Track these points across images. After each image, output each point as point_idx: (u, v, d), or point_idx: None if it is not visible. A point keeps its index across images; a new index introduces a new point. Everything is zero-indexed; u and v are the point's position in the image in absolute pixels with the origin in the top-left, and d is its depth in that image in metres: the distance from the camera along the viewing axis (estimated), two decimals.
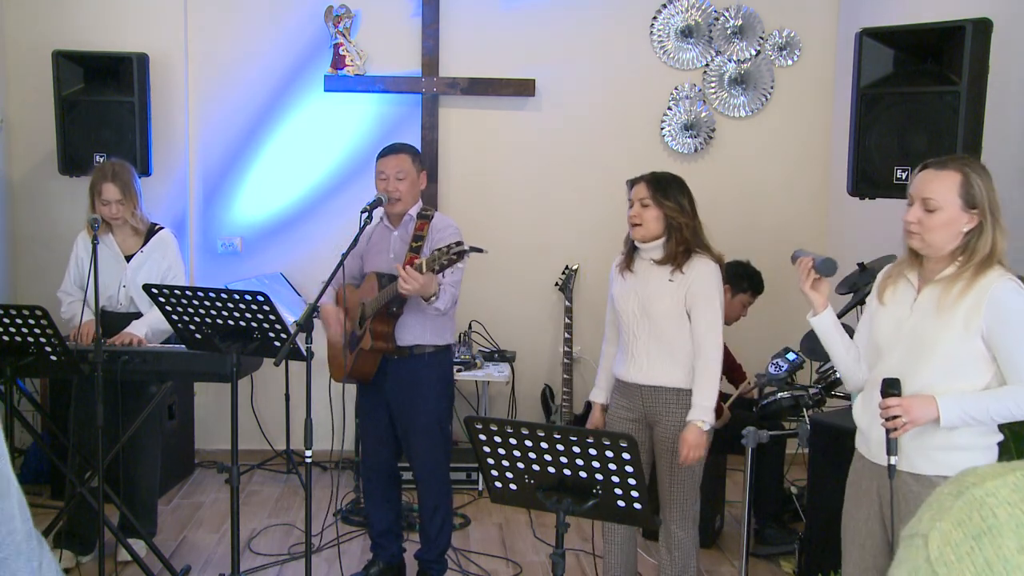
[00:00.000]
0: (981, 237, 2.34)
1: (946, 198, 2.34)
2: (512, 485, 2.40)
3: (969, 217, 2.34)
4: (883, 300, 2.54)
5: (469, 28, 5.34)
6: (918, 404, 2.33)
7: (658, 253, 3.24)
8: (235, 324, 3.18)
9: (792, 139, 5.48)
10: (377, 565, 3.83)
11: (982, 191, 2.35)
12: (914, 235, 2.39)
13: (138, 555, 3.68)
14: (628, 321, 3.26)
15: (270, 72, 5.32)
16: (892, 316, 2.49)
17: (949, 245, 2.37)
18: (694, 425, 3.12)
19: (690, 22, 5.39)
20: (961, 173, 2.35)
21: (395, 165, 3.59)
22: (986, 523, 0.67)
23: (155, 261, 3.96)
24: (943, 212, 2.34)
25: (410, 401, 3.62)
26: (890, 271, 2.57)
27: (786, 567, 4.06)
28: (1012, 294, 2.32)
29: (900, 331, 2.45)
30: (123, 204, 3.86)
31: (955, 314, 2.34)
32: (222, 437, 5.26)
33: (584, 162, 5.41)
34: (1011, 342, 2.31)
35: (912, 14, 4.15)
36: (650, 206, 3.21)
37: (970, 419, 2.33)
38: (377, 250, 3.71)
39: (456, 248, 3.12)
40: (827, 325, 2.62)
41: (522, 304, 5.44)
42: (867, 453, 2.54)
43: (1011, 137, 3.84)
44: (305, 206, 5.40)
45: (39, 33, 5.08)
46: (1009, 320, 2.31)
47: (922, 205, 2.37)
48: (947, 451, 2.39)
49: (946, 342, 2.35)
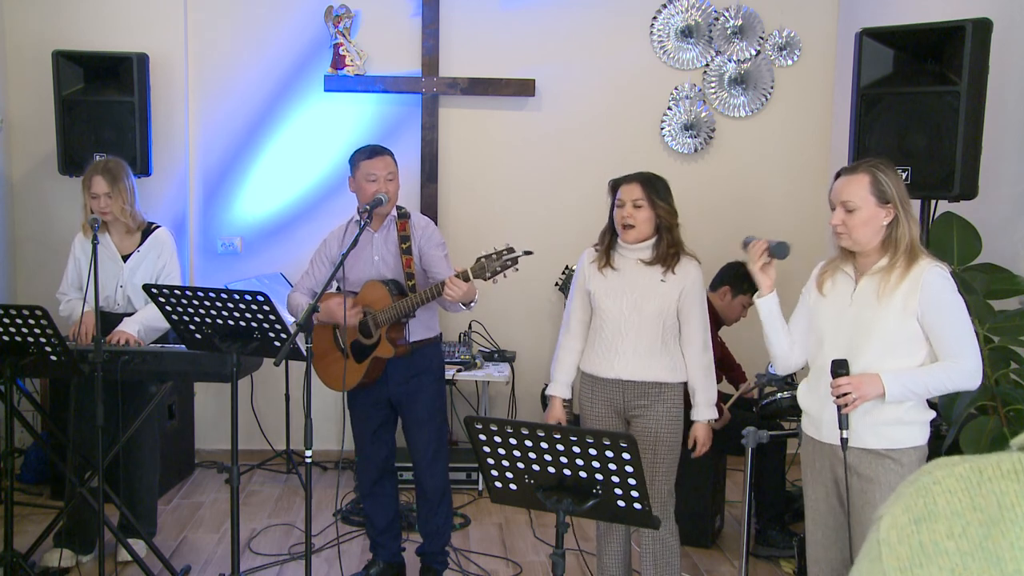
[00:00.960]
0: (899, 227, 2.62)
1: (861, 197, 2.62)
2: (512, 485, 2.40)
3: (886, 211, 2.62)
4: (823, 292, 2.78)
5: (469, 28, 5.34)
6: (866, 381, 2.58)
7: (647, 254, 3.26)
8: (235, 324, 3.18)
9: (792, 139, 5.48)
10: (377, 565, 3.83)
11: (890, 187, 2.62)
12: (841, 235, 2.66)
13: (138, 555, 3.68)
14: (614, 319, 3.26)
15: (270, 72, 5.32)
16: (833, 306, 2.74)
17: (875, 239, 2.64)
18: (702, 423, 3.30)
19: (690, 22, 5.39)
20: (869, 174, 2.63)
21: (384, 167, 3.57)
22: (927, 509, 0.72)
23: (151, 261, 3.95)
24: (861, 211, 2.62)
25: (412, 393, 3.66)
26: (825, 267, 2.82)
27: (786, 568, 4.06)
28: (942, 280, 2.60)
29: (842, 318, 2.70)
30: (111, 198, 3.84)
31: (893, 299, 2.60)
32: (222, 437, 5.26)
33: (584, 162, 5.40)
34: (942, 322, 2.59)
35: (912, 14, 4.14)
36: (643, 207, 3.22)
37: (910, 392, 2.60)
38: (360, 255, 3.62)
39: (508, 255, 3.12)
40: (771, 307, 2.85)
41: (522, 304, 5.44)
42: (817, 435, 2.77)
43: (1011, 137, 3.84)
44: (305, 206, 5.40)
45: (39, 33, 5.08)
46: (940, 303, 2.59)
47: (842, 208, 2.64)
48: (893, 426, 2.65)
49: (886, 325, 2.61)
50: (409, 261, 3.56)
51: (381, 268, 3.61)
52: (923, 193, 3.65)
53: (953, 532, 0.70)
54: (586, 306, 3.37)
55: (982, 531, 0.69)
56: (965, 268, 3.54)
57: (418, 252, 3.59)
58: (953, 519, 0.70)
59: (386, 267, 3.61)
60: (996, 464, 0.72)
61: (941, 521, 0.71)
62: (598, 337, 3.32)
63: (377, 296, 3.54)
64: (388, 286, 3.53)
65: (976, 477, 0.72)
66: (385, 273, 3.60)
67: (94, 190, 3.84)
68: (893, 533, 0.73)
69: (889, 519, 0.74)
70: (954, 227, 3.60)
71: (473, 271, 3.16)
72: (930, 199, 3.71)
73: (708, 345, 3.30)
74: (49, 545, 3.89)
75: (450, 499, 3.83)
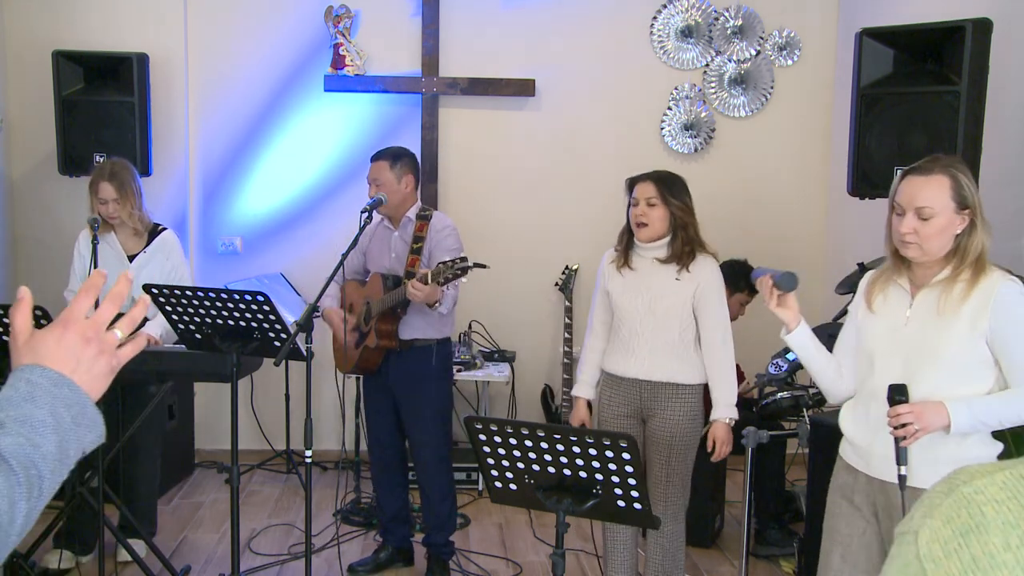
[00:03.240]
0: (972, 237, 2.32)
1: (941, 204, 2.30)
2: (512, 485, 2.40)
3: (961, 219, 2.32)
4: (873, 308, 2.48)
5: (469, 28, 5.34)
6: (929, 410, 2.26)
7: (662, 252, 3.26)
8: (235, 324, 3.18)
9: (792, 139, 5.48)
10: (387, 550, 3.97)
11: (971, 191, 2.32)
12: (911, 245, 2.34)
13: (138, 555, 3.68)
14: (631, 318, 3.28)
15: (270, 72, 5.32)
16: (886, 323, 2.44)
17: (945, 249, 2.34)
18: (722, 423, 3.25)
19: (690, 22, 5.39)
20: (950, 176, 2.32)
21: (372, 173, 3.76)
22: (973, 520, 0.68)
23: (158, 262, 3.96)
24: (939, 218, 2.30)
25: (414, 392, 3.74)
26: (875, 278, 2.51)
27: (786, 567, 4.06)
28: (1018, 296, 2.29)
29: (897, 338, 2.40)
30: (119, 203, 3.85)
31: (959, 317, 2.30)
32: (222, 437, 5.26)
33: (584, 162, 5.41)
34: (1016, 345, 2.28)
35: (912, 14, 4.14)
36: (657, 205, 3.23)
37: (980, 424, 2.29)
38: (379, 250, 3.82)
39: (460, 264, 3.20)
40: (803, 340, 2.55)
41: (522, 304, 5.44)
42: (865, 468, 2.47)
43: (1011, 137, 3.84)
44: (305, 206, 5.40)
45: (39, 33, 5.08)
46: (1015, 322, 2.28)
47: (916, 214, 2.32)
48: (958, 463, 2.34)
49: (950, 346, 2.31)
50: (414, 260, 3.66)
51: (395, 265, 3.74)
52: None
53: (1010, 544, 0.66)
54: (607, 307, 3.40)
55: None
56: None
57: (429, 254, 3.66)
58: (1007, 529, 0.67)
59: (400, 264, 3.73)
60: None
61: (993, 532, 0.67)
62: (616, 336, 3.34)
63: (375, 288, 3.70)
64: (386, 280, 3.65)
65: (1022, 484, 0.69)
66: (399, 269, 3.70)
67: (102, 195, 3.85)
68: (937, 547, 0.69)
69: (928, 532, 0.70)
70: None
71: (432, 275, 3.24)
72: None
73: (726, 343, 3.26)
74: (49, 546, 3.89)
75: (454, 497, 3.95)
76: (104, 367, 1.08)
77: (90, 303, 1.09)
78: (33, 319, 1.13)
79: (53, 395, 1.02)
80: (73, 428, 1.03)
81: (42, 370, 1.03)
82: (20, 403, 1.00)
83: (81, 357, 1.06)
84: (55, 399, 1.02)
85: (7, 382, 1.03)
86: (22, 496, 0.96)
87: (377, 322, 3.64)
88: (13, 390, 1.01)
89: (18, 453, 0.97)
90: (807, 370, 2.62)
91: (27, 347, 1.05)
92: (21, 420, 0.99)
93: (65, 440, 1.01)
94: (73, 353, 1.06)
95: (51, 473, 1.00)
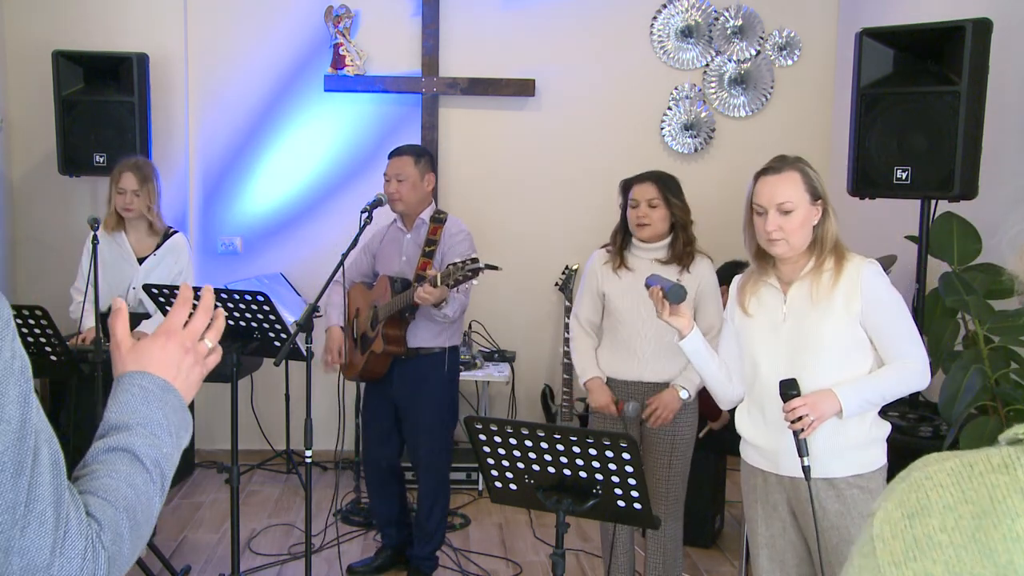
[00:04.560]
0: (826, 224, 2.45)
1: (798, 197, 2.43)
2: (512, 485, 2.40)
3: (816, 209, 2.45)
4: (748, 311, 2.55)
5: (469, 28, 5.34)
6: (821, 399, 2.36)
7: (663, 253, 3.27)
8: (235, 324, 3.18)
9: (792, 139, 5.46)
10: (387, 551, 3.94)
11: (819, 182, 2.46)
12: (778, 241, 2.44)
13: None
14: (632, 320, 3.27)
15: (270, 72, 5.32)
16: (764, 323, 2.51)
17: (807, 241, 2.46)
18: (674, 389, 3.20)
19: (690, 22, 5.39)
20: (799, 171, 2.46)
21: (395, 167, 3.66)
22: (920, 504, 0.73)
23: (167, 265, 3.99)
24: (799, 211, 2.43)
25: (416, 400, 3.68)
26: (744, 282, 2.59)
27: None
28: (880, 277, 2.44)
29: (778, 334, 2.48)
30: (139, 196, 3.92)
31: (832, 304, 2.41)
32: (222, 437, 5.26)
33: (584, 162, 5.40)
34: (887, 322, 2.42)
35: (912, 14, 4.14)
36: (659, 206, 3.24)
37: (867, 403, 2.41)
38: (389, 252, 3.75)
39: (471, 265, 3.14)
40: (695, 346, 2.57)
41: (522, 304, 5.44)
42: (773, 468, 2.52)
43: (1011, 137, 3.84)
44: (305, 206, 5.40)
45: (39, 33, 5.08)
46: (882, 301, 2.41)
47: (778, 211, 2.43)
48: (862, 448, 2.45)
49: (830, 333, 2.42)
50: (426, 264, 3.59)
51: (406, 268, 3.67)
52: (923, 193, 3.65)
53: (946, 525, 0.71)
54: (597, 308, 3.37)
55: (974, 524, 0.70)
56: (965, 268, 3.53)
57: (441, 258, 3.61)
58: (946, 513, 0.71)
59: (410, 267, 3.67)
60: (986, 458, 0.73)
61: (934, 515, 0.71)
62: (614, 339, 3.31)
63: (383, 291, 3.63)
64: (394, 283, 3.58)
65: (967, 471, 0.73)
66: (409, 273, 3.64)
67: (122, 184, 3.89)
68: (887, 528, 0.73)
69: (882, 514, 0.75)
70: (954, 227, 3.60)
71: (441, 277, 3.19)
72: (930, 199, 3.71)
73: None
74: None
75: (445, 507, 3.86)
76: (197, 375, 1.17)
77: (186, 314, 1.17)
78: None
79: (163, 400, 1.10)
80: (179, 431, 1.11)
81: (151, 377, 1.10)
82: (138, 406, 1.07)
83: (181, 365, 1.14)
84: (165, 404, 1.10)
85: (120, 387, 1.09)
86: (156, 493, 1.04)
87: (384, 326, 3.56)
88: (128, 395, 1.08)
89: (148, 453, 1.04)
90: (700, 376, 2.67)
91: (132, 355, 1.12)
92: (143, 423, 1.06)
93: (175, 441, 1.10)
94: (175, 361, 1.14)
95: (170, 471, 1.08)
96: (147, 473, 1.03)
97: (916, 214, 3.76)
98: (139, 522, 1.00)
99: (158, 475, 1.05)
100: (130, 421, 1.05)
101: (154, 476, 1.04)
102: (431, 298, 3.25)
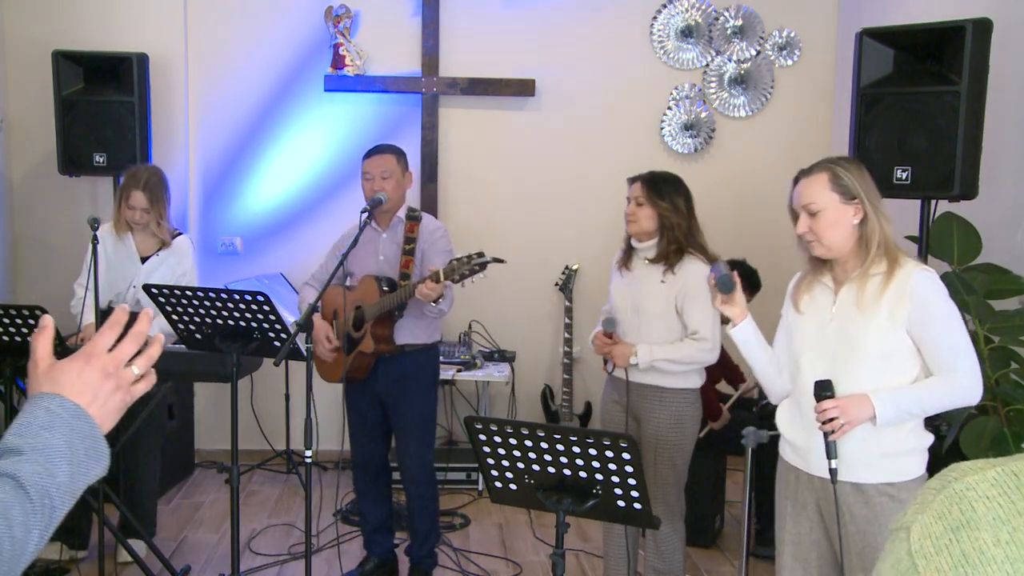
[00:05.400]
0: (867, 225, 2.39)
1: (824, 198, 2.40)
2: (512, 485, 2.40)
3: (855, 209, 2.40)
4: (800, 309, 2.54)
5: (469, 28, 5.34)
6: (853, 403, 2.33)
7: (651, 252, 3.29)
8: (235, 324, 3.18)
9: (792, 139, 5.47)
10: (371, 562, 3.87)
11: (853, 181, 2.40)
12: (812, 243, 2.44)
13: (138, 555, 3.68)
14: (623, 319, 3.32)
15: (270, 72, 5.32)
16: (813, 322, 2.50)
17: (848, 242, 2.41)
18: (629, 347, 3.20)
19: (690, 22, 5.39)
20: (827, 170, 2.43)
21: (379, 165, 3.61)
22: (965, 516, 0.69)
23: (170, 266, 3.98)
24: (827, 212, 2.40)
25: (402, 397, 3.66)
26: (801, 280, 2.58)
27: None
28: (932, 284, 2.36)
29: (824, 335, 2.46)
30: (148, 213, 3.91)
31: (878, 309, 2.36)
32: (222, 437, 5.26)
33: (584, 162, 5.40)
34: (935, 332, 2.34)
35: (912, 14, 4.14)
36: (644, 205, 3.26)
37: (905, 413, 2.34)
38: (365, 252, 3.67)
39: (478, 260, 3.13)
40: (746, 335, 2.60)
41: (522, 304, 5.44)
42: (804, 466, 2.50)
43: (1011, 137, 3.84)
44: (305, 206, 5.40)
45: (39, 33, 5.08)
46: (932, 311, 2.34)
47: (806, 212, 2.43)
48: (894, 457, 2.39)
49: (873, 338, 2.36)
50: (408, 262, 3.57)
51: (384, 267, 3.64)
52: (923, 193, 3.65)
53: (999, 539, 0.67)
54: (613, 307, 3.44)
55: None
56: (965, 268, 3.53)
57: (421, 255, 3.60)
58: (997, 526, 0.68)
59: (389, 266, 3.63)
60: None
61: (984, 528, 0.68)
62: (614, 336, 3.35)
63: (368, 291, 3.58)
64: (380, 282, 3.56)
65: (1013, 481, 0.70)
66: (387, 272, 3.62)
67: (132, 203, 3.87)
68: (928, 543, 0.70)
69: (920, 528, 0.71)
70: (954, 227, 3.60)
71: (444, 272, 3.17)
72: (930, 199, 3.71)
73: (704, 340, 3.20)
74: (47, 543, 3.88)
75: (436, 504, 3.84)
76: (118, 402, 1.12)
77: (113, 338, 1.12)
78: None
79: (71, 426, 1.04)
80: (85, 460, 1.04)
81: (61, 400, 1.05)
82: (39, 431, 1.01)
83: (99, 391, 1.08)
84: (72, 430, 1.04)
85: (27, 407, 1.04)
86: (37, 524, 0.97)
87: (373, 326, 3.54)
88: (32, 417, 1.03)
89: (36, 482, 0.98)
90: (750, 365, 2.68)
91: (47, 376, 1.07)
92: (39, 448, 1.00)
93: (77, 471, 1.03)
94: (92, 386, 1.08)
95: (62, 503, 1.01)
96: (29, 503, 0.97)
97: (916, 214, 3.76)
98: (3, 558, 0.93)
99: (43, 507, 0.98)
100: (24, 446, 0.99)
101: (37, 507, 0.97)
102: (434, 294, 3.24)
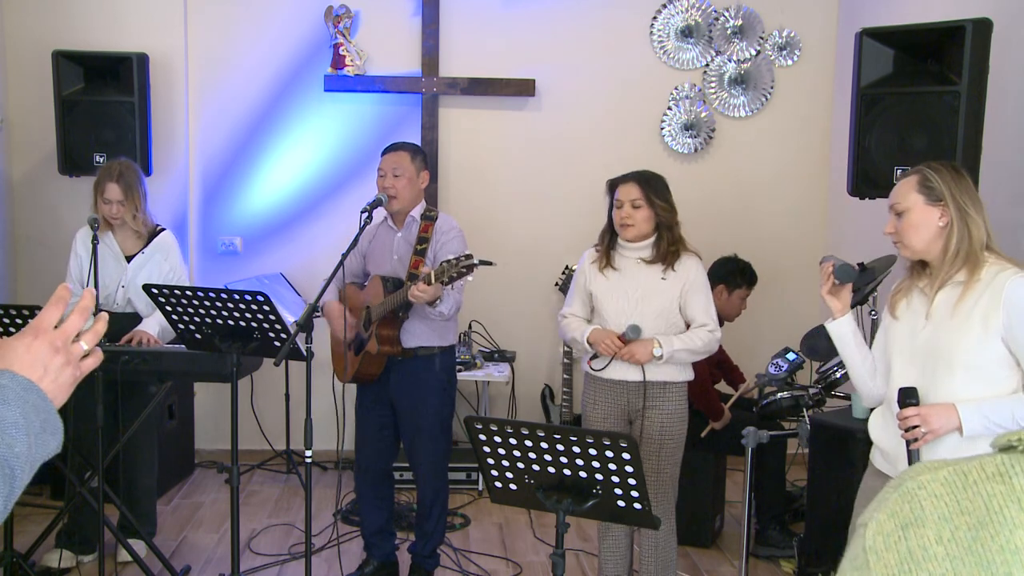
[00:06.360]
0: (953, 230, 2.33)
1: (910, 199, 2.38)
2: (512, 485, 2.40)
3: (941, 211, 2.35)
4: (896, 314, 2.47)
5: (469, 28, 5.34)
6: (937, 413, 2.24)
7: (647, 252, 3.27)
8: (235, 324, 3.18)
9: (792, 139, 5.48)
10: (371, 564, 3.85)
11: (941, 184, 2.35)
12: (897, 244, 2.43)
13: (138, 555, 3.68)
14: (616, 320, 3.27)
15: (270, 72, 5.32)
16: (907, 327, 2.43)
17: (934, 244, 2.36)
18: (651, 342, 3.16)
19: (690, 22, 5.39)
20: (919, 173, 2.40)
21: (392, 162, 3.60)
22: (914, 514, 0.71)
23: (156, 263, 3.96)
24: (912, 213, 2.37)
25: (415, 401, 3.64)
26: (901, 285, 2.52)
27: (786, 567, 4.06)
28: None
29: (916, 341, 2.39)
30: (124, 205, 3.87)
31: (971, 317, 2.27)
32: (222, 437, 5.26)
33: (584, 162, 5.40)
34: None
35: (912, 14, 4.14)
36: (642, 207, 3.24)
37: (993, 425, 2.23)
38: (380, 251, 3.70)
39: (465, 261, 3.12)
40: (843, 332, 2.53)
41: (522, 304, 5.44)
42: (892, 473, 2.41)
43: (1011, 137, 3.84)
44: (305, 206, 5.40)
45: (39, 33, 5.08)
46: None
47: (893, 212, 2.42)
48: None
49: (963, 347, 2.28)
50: (418, 262, 3.54)
51: (398, 267, 3.63)
52: None
53: (942, 537, 0.69)
54: (586, 305, 3.40)
55: (971, 535, 0.68)
56: None
57: (434, 256, 3.57)
58: (941, 524, 0.70)
59: (403, 266, 3.61)
60: (980, 467, 0.72)
61: (929, 526, 0.70)
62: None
63: (375, 292, 3.58)
64: (386, 282, 3.54)
65: (961, 480, 0.72)
66: (401, 272, 3.60)
67: (107, 196, 3.85)
68: (879, 540, 0.72)
69: (874, 525, 0.73)
70: None
71: (435, 274, 3.17)
72: None
73: (713, 332, 3.25)
74: (50, 545, 3.89)
75: (444, 505, 3.82)
76: (69, 377, 1.12)
77: (59, 314, 1.12)
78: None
79: (23, 399, 1.04)
80: (40, 433, 1.05)
81: (11, 375, 1.06)
82: None
83: (49, 366, 1.09)
84: (26, 403, 1.04)
85: None
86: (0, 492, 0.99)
87: (378, 327, 3.52)
88: None
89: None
90: (845, 364, 2.60)
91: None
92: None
93: (35, 443, 1.04)
94: (41, 361, 1.09)
95: (22, 472, 1.02)
96: None
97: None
98: None
99: (4, 476, 0.99)
100: None
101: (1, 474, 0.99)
102: (425, 296, 3.22)
